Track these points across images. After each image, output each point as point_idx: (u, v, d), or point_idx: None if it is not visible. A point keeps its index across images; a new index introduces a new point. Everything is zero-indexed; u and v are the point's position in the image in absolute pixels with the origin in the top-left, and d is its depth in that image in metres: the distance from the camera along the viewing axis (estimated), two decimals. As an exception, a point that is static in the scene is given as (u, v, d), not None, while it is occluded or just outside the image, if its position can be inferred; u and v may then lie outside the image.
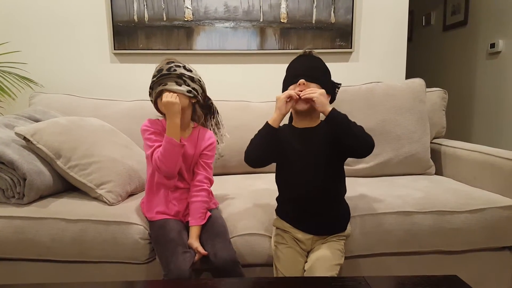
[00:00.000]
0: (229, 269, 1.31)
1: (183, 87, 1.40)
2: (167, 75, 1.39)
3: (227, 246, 1.35)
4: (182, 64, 1.44)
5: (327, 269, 1.25)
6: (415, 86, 2.03)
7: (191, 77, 1.43)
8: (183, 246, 1.32)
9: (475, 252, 1.53)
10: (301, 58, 1.37)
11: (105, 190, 1.54)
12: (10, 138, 1.54)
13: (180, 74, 1.40)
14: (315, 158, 1.32)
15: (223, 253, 1.31)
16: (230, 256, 1.32)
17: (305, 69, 1.33)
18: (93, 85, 2.37)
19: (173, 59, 1.44)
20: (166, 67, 1.40)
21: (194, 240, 1.35)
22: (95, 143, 1.63)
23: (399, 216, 1.49)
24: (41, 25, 2.32)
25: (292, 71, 1.36)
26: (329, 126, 1.26)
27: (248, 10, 2.35)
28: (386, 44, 2.46)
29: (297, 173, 1.34)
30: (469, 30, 3.14)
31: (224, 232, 1.40)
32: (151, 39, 2.34)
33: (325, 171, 1.33)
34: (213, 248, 1.33)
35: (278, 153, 1.35)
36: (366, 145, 1.25)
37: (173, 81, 1.39)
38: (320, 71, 1.36)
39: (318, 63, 1.36)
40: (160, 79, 1.39)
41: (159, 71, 1.40)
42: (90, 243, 1.41)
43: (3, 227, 1.42)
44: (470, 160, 1.83)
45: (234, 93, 2.28)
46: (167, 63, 1.42)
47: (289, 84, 1.33)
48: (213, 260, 1.31)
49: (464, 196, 1.59)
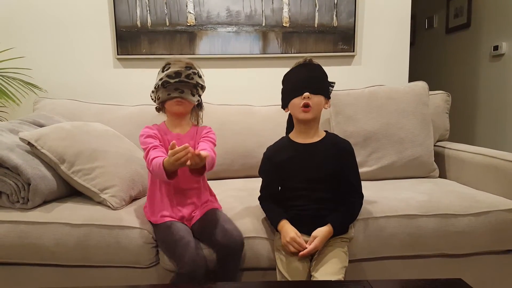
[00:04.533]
0: (237, 249, 1.34)
1: (195, 97, 1.45)
2: (185, 82, 1.39)
3: (236, 228, 1.38)
4: (197, 70, 1.43)
5: (334, 273, 1.25)
6: (418, 89, 2.03)
7: (202, 86, 1.46)
8: (194, 243, 1.32)
9: (480, 256, 1.52)
10: (302, 68, 1.37)
11: (109, 195, 1.54)
12: (14, 143, 1.55)
13: (196, 83, 1.42)
14: (317, 173, 1.36)
15: (232, 232, 1.34)
16: (239, 237, 1.35)
17: (309, 81, 1.33)
18: (96, 90, 2.38)
19: (191, 64, 1.42)
20: (186, 73, 1.38)
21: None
22: (99, 148, 1.64)
23: (402, 220, 1.48)
24: (45, 31, 2.34)
25: (295, 82, 1.35)
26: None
27: (251, 15, 2.36)
28: (389, 47, 2.46)
29: (298, 187, 1.37)
30: (472, 33, 3.14)
31: (230, 220, 1.42)
32: (154, 44, 2.36)
33: (324, 184, 1.36)
34: (222, 229, 1.34)
35: (280, 174, 1.39)
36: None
37: (189, 90, 1.41)
38: (322, 81, 1.37)
39: (319, 72, 1.37)
40: (177, 84, 1.38)
41: (177, 74, 1.37)
42: (94, 247, 1.41)
43: (7, 232, 1.42)
44: (474, 163, 1.83)
45: (236, 97, 2.28)
46: (186, 67, 1.40)
47: (292, 96, 1.34)
48: (220, 240, 1.32)
49: (468, 199, 1.58)
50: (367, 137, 1.93)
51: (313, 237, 1.30)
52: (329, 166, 1.36)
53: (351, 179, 1.40)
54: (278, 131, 1.53)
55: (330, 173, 1.36)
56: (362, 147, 1.92)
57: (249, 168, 2.04)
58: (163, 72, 1.41)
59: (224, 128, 2.00)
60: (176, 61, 1.42)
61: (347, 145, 1.42)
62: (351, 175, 1.40)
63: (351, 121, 1.96)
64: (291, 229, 1.31)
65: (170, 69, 1.39)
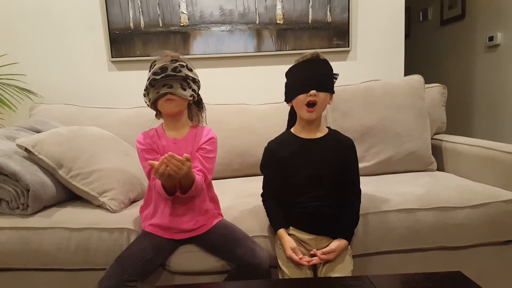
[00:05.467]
0: (263, 272, 1.30)
1: (187, 92, 1.35)
2: (172, 76, 1.31)
3: (262, 249, 1.35)
4: (185, 62, 1.36)
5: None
6: (414, 83, 2.03)
7: (193, 78, 1.38)
8: (132, 259, 1.29)
9: (479, 247, 1.53)
10: (309, 63, 1.33)
11: (107, 198, 1.55)
12: (12, 150, 1.55)
13: (185, 76, 1.34)
14: (318, 169, 1.35)
15: (261, 254, 1.31)
16: (268, 258, 1.32)
17: (316, 78, 1.31)
18: (92, 93, 2.38)
19: (176, 56, 1.36)
20: (172, 66, 1.31)
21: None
22: (96, 152, 1.64)
23: (401, 214, 1.49)
24: (38, 36, 2.33)
25: (302, 78, 1.33)
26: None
27: (244, 13, 2.36)
28: (384, 41, 2.46)
29: (300, 184, 1.36)
30: (467, 24, 3.14)
31: (249, 237, 1.39)
32: (148, 46, 2.35)
33: (326, 181, 1.36)
34: (248, 250, 1.31)
35: (282, 169, 1.38)
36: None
37: (178, 84, 1.32)
38: (329, 78, 1.35)
39: (326, 69, 1.35)
40: (164, 79, 1.31)
41: (162, 69, 1.30)
42: (94, 251, 1.42)
43: (8, 238, 1.43)
44: (471, 155, 1.83)
45: (232, 96, 2.28)
46: (171, 60, 1.32)
47: (298, 93, 1.32)
48: (250, 261, 1.29)
49: (466, 191, 1.59)
50: (364, 132, 1.94)
51: (330, 249, 1.29)
52: (332, 162, 1.36)
53: (352, 175, 1.40)
54: (275, 129, 1.53)
55: (332, 170, 1.36)
56: (359, 143, 1.91)
57: (247, 167, 2.05)
58: (149, 72, 1.35)
59: (221, 128, 1.99)
60: (161, 57, 1.35)
61: (350, 142, 1.42)
62: (352, 172, 1.40)
63: (347, 117, 1.96)
64: (287, 244, 1.30)
65: (155, 66, 1.32)
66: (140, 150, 1.39)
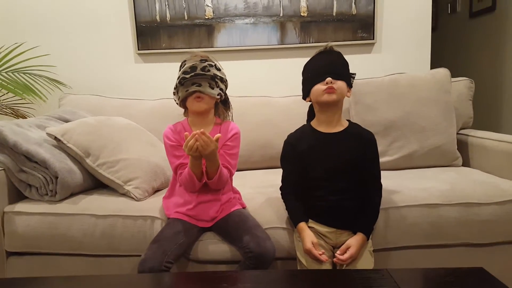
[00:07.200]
0: (270, 260, 1.32)
1: (215, 90, 1.40)
2: (201, 75, 1.36)
3: (268, 237, 1.36)
4: (213, 62, 1.42)
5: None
6: (440, 77, 1.99)
7: (221, 78, 1.43)
8: (169, 243, 1.33)
9: (503, 245, 1.50)
10: (323, 55, 1.35)
11: (132, 187, 1.59)
12: (42, 138, 1.61)
13: (213, 75, 1.38)
14: (339, 164, 1.34)
15: (266, 243, 1.32)
16: (273, 249, 1.33)
17: (331, 66, 1.31)
18: (118, 85, 2.44)
19: (205, 56, 1.41)
20: (201, 65, 1.36)
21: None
22: (122, 142, 1.68)
23: (424, 209, 1.47)
24: (68, 29, 2.40)
25: (316, 69, 1.33)
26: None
27: (268, 5, 2.35)
28: (410, 34, 2.41)
29: (319, 178, 1.36)
30: (497, 16, 3.03)
31: (260, 226, 1.41)
32: (173, 38, 2.38)
33: (346, 175, 1.35)
34: (254, 237, 1.33)
35: (301, 162, 1.37)
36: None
37: (207, 83, 1.37)
38: (344, 67, 1.35)
39: (340, 59, 1.35)
40: (193, 78, 1.36)
41: (192, 69, 1.36)
42: (119, 237, 1.47)
43: (38, 223, 1.49)
44: (499, 151, 1.78)
45: (255, 88, 2.28)
46: (200, 60, 1.38)
47: (315, 83, 1.32)
48: (253, 249, 1.30)
49: (492, 188, 1.55)
50: (388, 126, 1.91)
51: (347, 245, 1.29)
52: (351, 156, 1.35)
53: (372, 169, 1.39)
54: (297, 121, 1.52)
55: (352, 163, 1.35)
56: (382, 137, 1.89)
57: (268, 159, 2.06)
58: (179, 71, 1.41)
59: (243, 120, 2.00)
60: (191, 57, 1.41)
61: (371, 135, 1.40)
62: (373, 166, 1.39)
63: (370, 110, 1.94)
64: (308, 238, 1.30)
65: (185, 65, 1.38)
66: (168, 145, 1.44)
